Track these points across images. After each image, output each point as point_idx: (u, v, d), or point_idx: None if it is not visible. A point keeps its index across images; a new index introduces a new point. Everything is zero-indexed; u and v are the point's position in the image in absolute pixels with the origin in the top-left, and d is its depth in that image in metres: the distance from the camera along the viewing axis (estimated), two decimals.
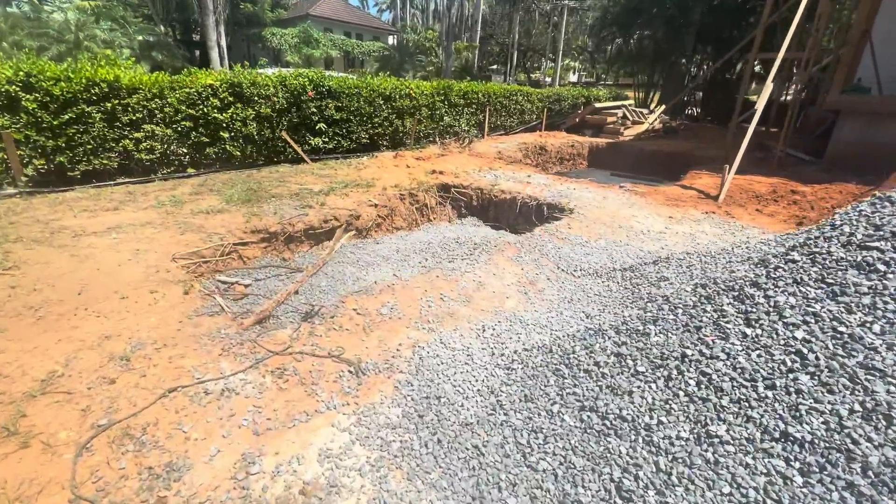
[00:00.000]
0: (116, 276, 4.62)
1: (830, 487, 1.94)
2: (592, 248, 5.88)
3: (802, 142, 13.36)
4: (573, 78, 57.52)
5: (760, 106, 8.69)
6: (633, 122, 16.78)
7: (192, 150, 8.88)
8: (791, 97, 18.50)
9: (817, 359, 2.34)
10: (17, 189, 6.89)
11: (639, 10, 23.39)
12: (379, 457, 2.61)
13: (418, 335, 3.84)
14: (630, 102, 19.43)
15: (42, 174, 7.23)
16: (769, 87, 8.84)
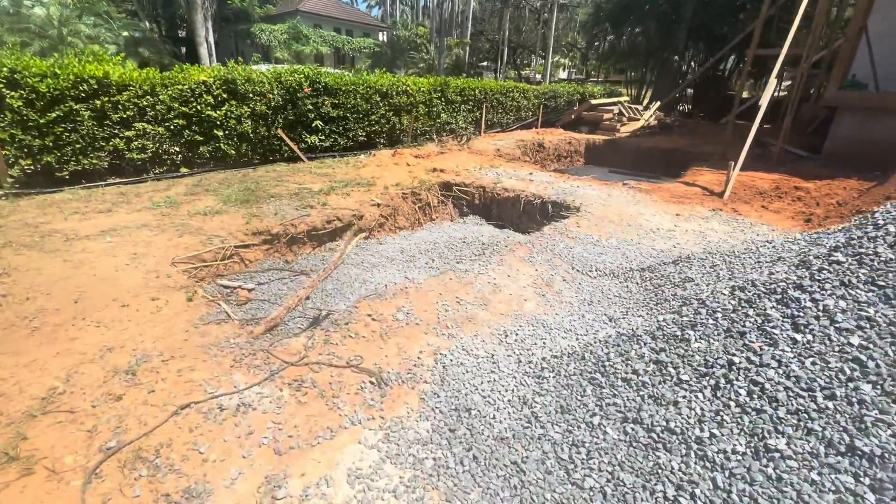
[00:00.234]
0: (114, 283, 4.38)
1: None
2: (605, 248, 5.77)
3: (797, 137, 13.42)
4: (563, 75, 57.62)
5: (765, 102, 8.66)
6: (629, 118, 16.74)
7: (185, 149, 8.60)
8: (786, 93, 18.70)
9: (878, 367, 2.23)
10: (2, 191, 6.58)
11: (631, 6, 23.40)
12: (413, 476, 2.45)
13: (438, 342, 3.68)
14: (625, 99, 19.40)
15: (29, 175, 6.91)
16: (773, 83, 8.81)
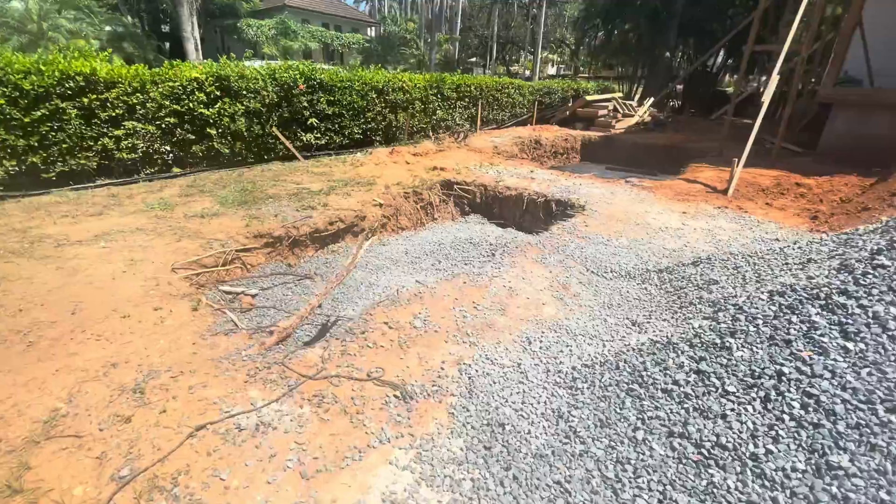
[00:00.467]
0: (112, 291, 4.15)
1: None
2: (616, 248, 5.67)
3: (789, 133, 13.49)
4: (552, 70, 57.68)
5: (767, 98, 8.63)
6: (624, 115, 16.72)
7: (177, 149, 8.32)
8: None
9: None
10: None
11: (623, 2, 23.38)
12: (452, 500, 2.31)
13: (460, 350, 3.54)
14: (619, 95, 19.39)
15: (13, 176, 6.59)
16: (775, 79, 8.79)
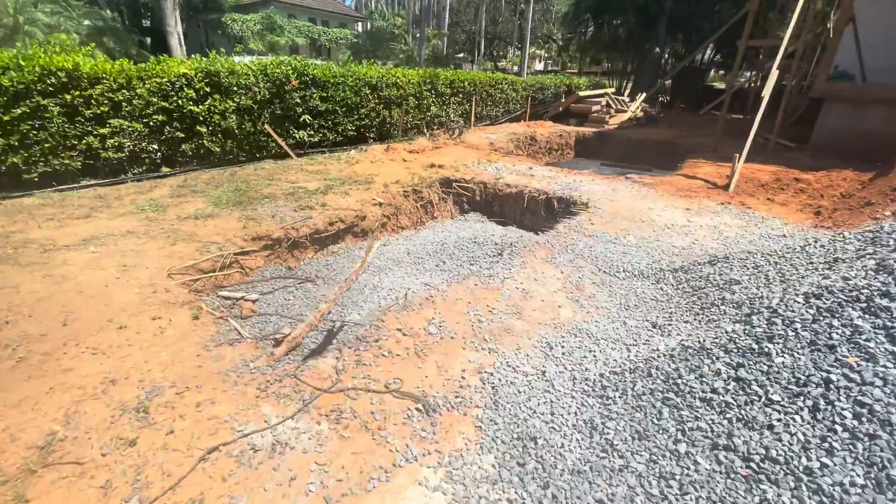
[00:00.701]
0: (106, 300, 3.92)
1: None
2: (626, 246, 5.57)
3: (782, 128, 13.58)
4: (539, 66, 57.70)
5: (766, 94, 8.62)
6: (617, 110, 16.69)
7: (166, 147, 8.00)
8: (752, 85, 19.00)
9: None
10: None
11: None
12: None
13: (479, 358, 3.39)
14: (612, 91, 19.37)
15: None
16: (775, 73, 8.77)
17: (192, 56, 8.83)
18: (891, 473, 1.96)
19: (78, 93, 6.77)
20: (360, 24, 42.88)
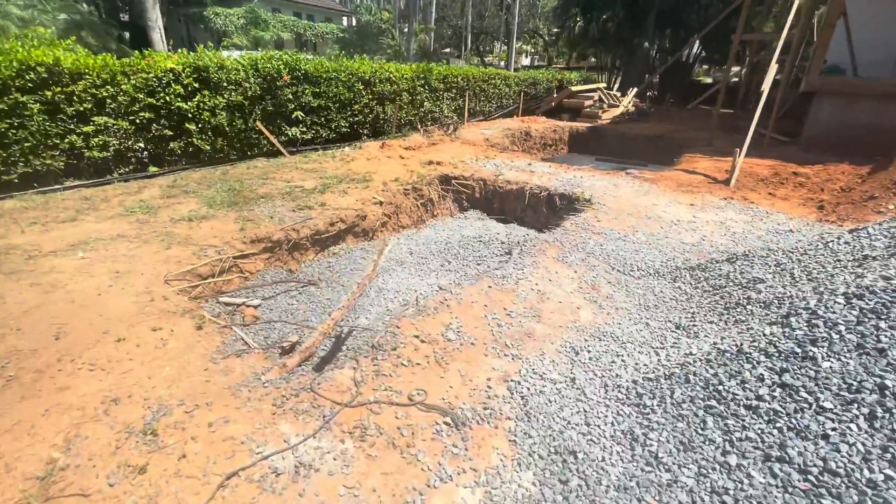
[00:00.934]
0: (100, 310, 3.67)
1: None
2: (636, 244, 5.47)
3: (769, 122, 13.66)
4: (526, 61, 57.61)
5: (766, 88, 8.60)
6: (609, 105, 16.66)
7: (153, 146, 7.68)
8: (741, 79, 19.17)
9: None
10: None
11: None
12: None
13: (503, 365, 3.24)
14: (603, 85, 19.33)
15: None
16: (773, 68, 8.76)
17: (179, 50, 8.48)
18: None
19: (59, 89, 6.43)
20: (345, 18, 42.28)
